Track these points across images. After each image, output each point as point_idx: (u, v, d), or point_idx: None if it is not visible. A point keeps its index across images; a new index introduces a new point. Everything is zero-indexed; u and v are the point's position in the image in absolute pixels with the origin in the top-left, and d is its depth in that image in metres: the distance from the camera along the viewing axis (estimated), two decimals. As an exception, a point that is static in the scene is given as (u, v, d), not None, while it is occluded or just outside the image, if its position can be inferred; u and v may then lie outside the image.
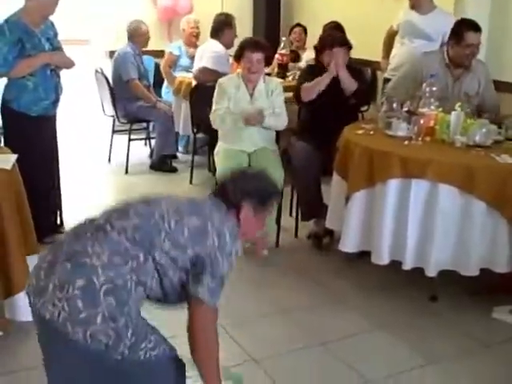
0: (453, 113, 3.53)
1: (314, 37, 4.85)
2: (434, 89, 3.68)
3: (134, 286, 1.73)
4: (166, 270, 1.78)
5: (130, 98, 5.66)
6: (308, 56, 5.70)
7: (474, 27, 3.86)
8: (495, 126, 3.67)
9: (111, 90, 5.69)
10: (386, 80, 4.92)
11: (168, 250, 1.77)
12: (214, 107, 4.07)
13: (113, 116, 5.86)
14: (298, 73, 4.98)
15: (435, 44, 4.70)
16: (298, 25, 6.38)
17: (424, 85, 3.71)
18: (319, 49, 4.19)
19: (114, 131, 5.99)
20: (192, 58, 5.87)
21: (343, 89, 4.02)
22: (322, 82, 4.00)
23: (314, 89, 4.02)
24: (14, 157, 3.00)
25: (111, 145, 5.98)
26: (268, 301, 3.37)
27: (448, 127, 3.53)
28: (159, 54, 6.60)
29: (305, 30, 6.29)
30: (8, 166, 2.86)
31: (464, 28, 3.86)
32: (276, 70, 5.84)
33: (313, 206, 4.01)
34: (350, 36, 4.32)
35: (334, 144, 3.71)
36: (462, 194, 3.13)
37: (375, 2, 5.84)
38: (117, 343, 1.67)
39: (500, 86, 4.51)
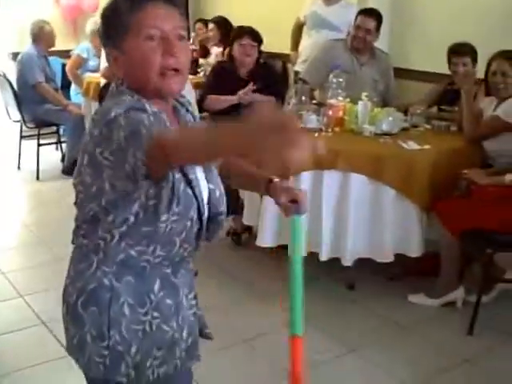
0: (360, 103, 3.60)
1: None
2: (341, 80, 3.74)
3: (112, 276, 1.42)
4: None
5: (37, 101, 5.45)
6: (216, 50, 5.66)
7: (366, 12, 4.18)
8: (401, 113, 3.77)
9: (15, 93, 5.45)
10: (297, 73, 4.96)
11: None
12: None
13: (19, 121, 5.62)
14: (209, 69, 4.94)
15: (341, 34, 4.81)
16: (199, 20, 6.30)
17: (331, 76, 3.77)
18: (230, 41, 4.21)
19: (21, 137, 5.74)
20: (100, 57, 5.71)
21: None
22: (228, 102, 4.06)
23: (219, 104, 4.09)
24: None
25: (20, 151, 5.73)
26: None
27: (356, 117, 3.59)
28: (66, 54, 6.37)
29: (206, 24, 6.17)
30: None
31: (358, 13, 4.21)
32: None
33: (230, 203, 3.97)
34: (258, 29, 4.32)
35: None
36: (372, 183, 3.19)
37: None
38: (115, 363, 1.45)
39: (403, 73, 4.66)
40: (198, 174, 1.44)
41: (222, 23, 5.70)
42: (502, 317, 3.13)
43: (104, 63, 5.30)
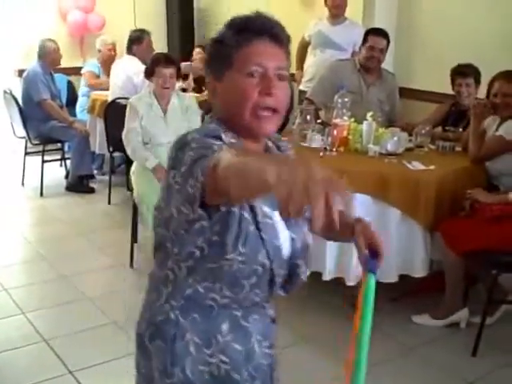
0: (365, 122, 3.60)
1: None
2: (346, 100, 3.75)
3: (179, 311, 1.39)
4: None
5: (43, 118, 5.48)
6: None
7: (377, 31, 4.15)
8: (406, 133, 3.78)
9: (21, 110, 5.48)
10: (302, 92, 4.98)
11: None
12: (125, 128, 3.99)
13: (24, 137, 5.64)
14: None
15: (346, 54, 4.84)
16: (199, 46, 6.34)
17: (336, 96, 3.78)
18: None
19: (26, 153, 5.76)
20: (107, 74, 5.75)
21: None
22: None
23: None
24: None
25: (24, 167, 5.75)
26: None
27: (361, 137, 3.60)
28: (72, 71, 6.42)
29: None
30: None
31: (369, 33, 4.17)
32: (192, 84, 5.81)
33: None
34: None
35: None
36: (377, 203, 3.18)
37: (284, 13, 5.89)
38: None
39: (408, 93, 4.68)
40: (276, 221, 1.37)
41: None
42: (505, 338, 3.11)
43: (113, 81, 5.33)
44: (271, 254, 1.35)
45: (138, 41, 5.42)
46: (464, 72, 3.84)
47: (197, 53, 6.07)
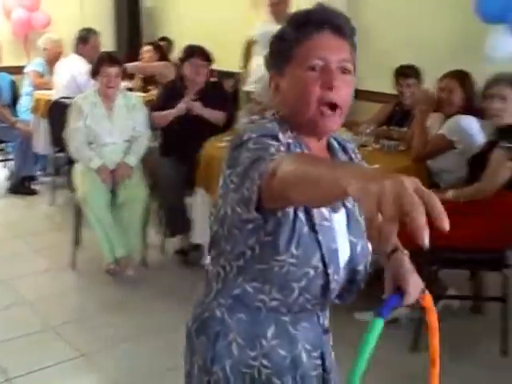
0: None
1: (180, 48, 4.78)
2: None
3: (226, 310, 1.37)
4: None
5: (-17, 118, 5.33)
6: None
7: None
8: (350, 133, 3.81)
9: (-40, 110, 5.32)
10: (248, 93, 4.98)
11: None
12: (68, 128, 3.91)
13: (-35, 138, 5.48)
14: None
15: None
16: (149, 43, 6.26)
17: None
18: (181, 60, 4.20)
19: (-34, 154, 5.60)
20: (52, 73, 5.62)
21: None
22: (172, 114, 4.05)
23: (164, 118, 4.08)
24: None
25: (-36, 169, 5.59)
26: (135, 323, 3.27)
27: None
28: (15, 70, 6.26)
29: (157, 46, 6.13)
30: None
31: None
32: (139, 83, 5.74)
33: (178, 222, 3.95)
34: (210, 47, 4.32)
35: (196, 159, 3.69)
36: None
37: (233, 12, 5.91)
38: None
39: (357, 93, 4.71)
40: (334, 223, 1.33)
41: (161, 46, 5.73)
42: (444, 332, 3.14)
43: (58, 80, 5.22)
44: (326, 257, 1.30)
45: (84, 40, 5.32)
46: (406, 73, 3.91)
47: (145, 51, 5.99)
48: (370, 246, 1.41)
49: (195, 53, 4.14)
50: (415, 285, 1.37)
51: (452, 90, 3.40)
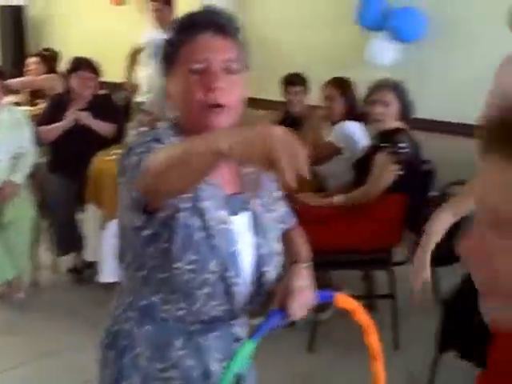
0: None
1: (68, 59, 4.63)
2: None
3: (134, 322, 1.36)
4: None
5: None
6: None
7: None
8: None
9: None
10: (139, 103, 4.89)
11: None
12: None
13: None
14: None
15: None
16: (35, 55, 6.02)
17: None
18: (68, 72, 4.09)
19: None
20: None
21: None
22: (60, 127, 3.93)
23: (52, 133, 3.95)
24: None
25: None
26: (29, 346, 3.13)
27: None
28: None
29: (44, 57, 5.90)
30: None
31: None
32: (27, 97, 5.52)
33: (69, 240, 3.83)
34: (99, 58, 4.22)
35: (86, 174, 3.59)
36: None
37: (121, 22, 5.83)
38: None
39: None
40: (234, 226, 1.31)
41: (48, 57, 5.54)
42: (338, 333, 3.24)
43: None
44: (225, 261, 1.27)
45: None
46: (293, 81, 4.00)
47: (32, 63, 5.74)
48: (279, 247, 1.41)
49: (82, 65, 4.05)
50: (302, 304, 1.29)
51: (333, 98, 3.53)
